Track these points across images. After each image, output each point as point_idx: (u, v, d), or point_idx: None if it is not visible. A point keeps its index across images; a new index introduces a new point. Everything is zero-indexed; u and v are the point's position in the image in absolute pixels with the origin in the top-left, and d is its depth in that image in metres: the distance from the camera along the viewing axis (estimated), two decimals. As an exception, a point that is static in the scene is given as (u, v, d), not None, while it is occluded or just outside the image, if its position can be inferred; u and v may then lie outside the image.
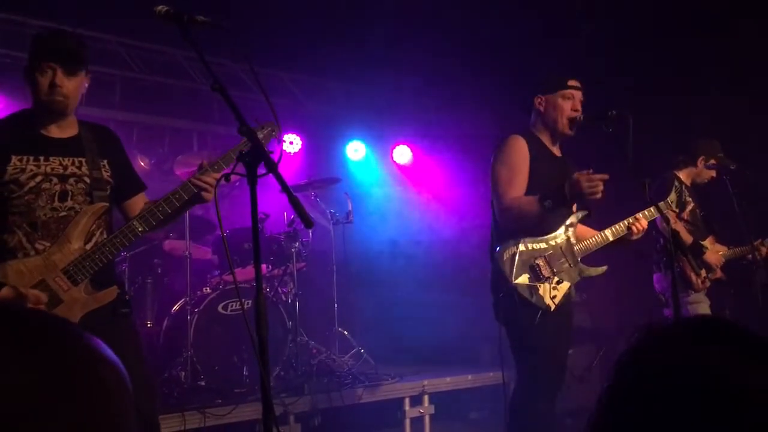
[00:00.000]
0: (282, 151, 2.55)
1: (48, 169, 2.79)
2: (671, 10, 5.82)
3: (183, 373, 4.83)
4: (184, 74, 6.91)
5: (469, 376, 5.83)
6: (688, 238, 4.76)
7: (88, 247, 2.80)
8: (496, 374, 4.14)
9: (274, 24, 6.17)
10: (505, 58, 6.39)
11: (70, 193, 2.81)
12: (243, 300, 2.56)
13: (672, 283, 3.31)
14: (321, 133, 7.76)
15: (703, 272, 4.80)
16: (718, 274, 4.93)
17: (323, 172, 6.91)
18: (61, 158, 2.83)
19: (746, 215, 4.83)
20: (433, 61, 6.79)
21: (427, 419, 5.48)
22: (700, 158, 5.01)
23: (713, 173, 5.03)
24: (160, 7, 2.24)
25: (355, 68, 7.08)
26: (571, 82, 3.67)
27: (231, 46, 2.20)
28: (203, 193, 2.86)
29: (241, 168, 2.15)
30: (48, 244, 2.75)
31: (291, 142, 7.50)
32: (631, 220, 3.66)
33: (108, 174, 2.93)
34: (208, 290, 5.29)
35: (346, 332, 5.97)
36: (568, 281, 3.51)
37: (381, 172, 8.06)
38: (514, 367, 3.58)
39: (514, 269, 3.41)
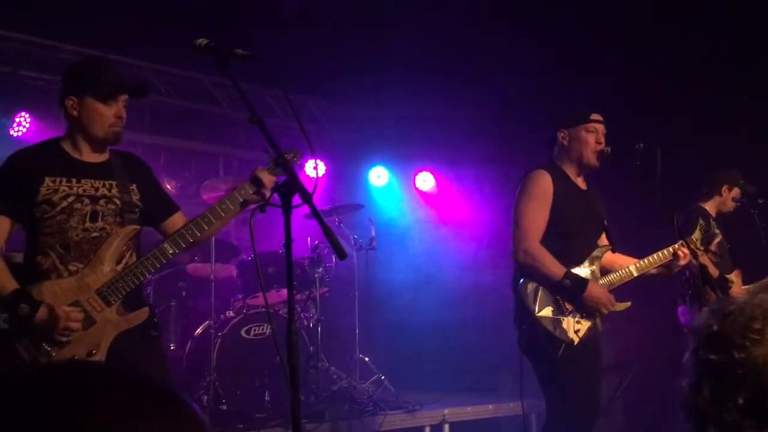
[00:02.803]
0: (317, 182, 2.58)
1: (80, 191, 2.85)
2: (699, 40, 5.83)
3: (205, 397, 4.84)
4: (211, 99, 7.00)
5: (490, 406, 5.79)
6: (714, 272, 4.73)
7: (119, 268, 2.85)
8: (517, 404, 4.11)
9: (299, 50, 6.25)
10: (529, 86, 6.41)
11: (100, 213, 2.86)
12: (270, 325, 2.57)
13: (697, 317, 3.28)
14: (344, 159, 7.81)
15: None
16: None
17: (346, 197, 6.95)
18: (92, 180, 2.89)
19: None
20: (457, 87, 6.83)
21: (447, 448, 5.45)
22: (724, 187, 5.01)
23: (737, 203, 5.02)
24: (200, 41, 2.29)
25: (378, 94, 7.14)
26: (594, 116, 3.68)
27: (259, 73, 2.24)
28: (262, 190, 2.88)
29: (276, 198, 2.18)
30: (81, 266, 2.80)
31: (315, 168, 7.55)
32: (676, 247, 3.66)
33: (137, 198, 2.98)
34: (232, 314, 5.32)
35: (367, 359, 5.96)
36: (590, 317, 3.49)
37: (403, 198, 8.08)
38: (533, 399, 3.57)
39: (537, 302, 3.41)
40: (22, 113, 6.07)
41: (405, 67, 6.47)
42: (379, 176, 7.95)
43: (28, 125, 6.06)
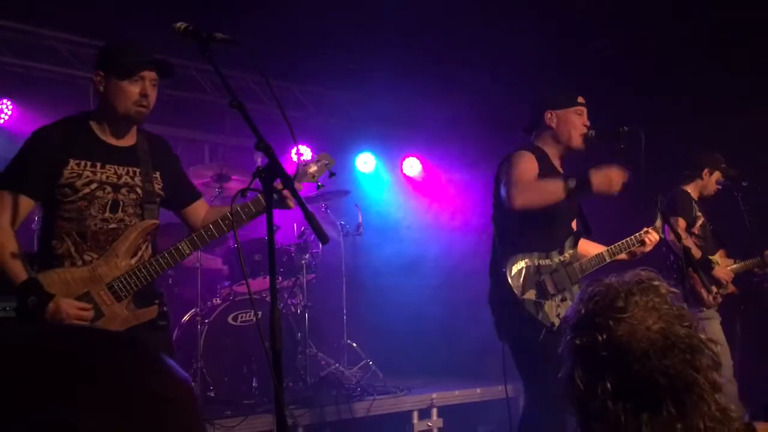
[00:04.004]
0: (298, 167, 2.57)
1: (103, 177, 2.82)
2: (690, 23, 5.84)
3: (193, 384, 4.83)
4: (197, 86, 6.95)
5: (478, 390, 5.83)
6: (697, 254, 4.76)
7: (133, 261, 2.82)
8: (506, 388, 4.14)
9: (284, 35, 6.21)
10: (515, 71, 6.41)
11: (121, 203, 2.83)
12: (255, 311, 2.57)
13: (683, 299, 3.32)
14: (331, 145, 7.77)
15: (714, 288, 4.80)
16: (731, 288, 4.93)
17: (333, 183, 6.92)
18: (116, 167, 2.86)
19: (755, 228, 4.84)
20: (444, 73, 6.81)
21: (435, 432, 5.48)
22: (705, 170, 5.04)
23: (719, 186, 5.06)
24: (179, 24, 2.27)
25: (364, 80, 7.11)
26: (580, 99, 3.70)
27: (245, 59, 2.21)
28: (286, 200, 2.85)
29: (257, 183, 2.17)
30: (95, 256, 2.78)
31: (302, 154, 7.52)
32: (642, 233, 3.71)
33: (159, 186, 2.96)
34: (218, 301, 5.31)
35: (354, 344, 5.97)
36: (571, 299, 3.51)
37: (390, 184, 8.08)
38: (520, 383, 3.58)
39: (522, 285, 3.41)
40: (4, 100, 6.02)
41: (391, 53, 6.44)
42: (366, 162, 7.94)
43: (10, 112, 6.00)
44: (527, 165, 3.50)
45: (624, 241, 3.75)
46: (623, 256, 3.76)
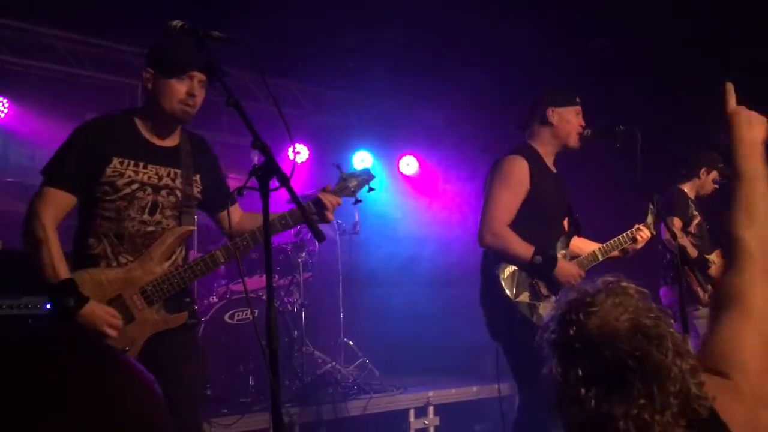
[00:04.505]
0: (294, 166, 2.57)
1: (144, 177, 2.79)
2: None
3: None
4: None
5: (474, 388, 5.83)
6: (693, 253, 4.78)
7: (167, 266, 2.82)
8: (502, 386, 4.15)
9: (282, 34, 6.20)
10: (513, 70, 6.41)
11: (160, 205, 2.82)
12: (251, 309, 2.57)
13: (679, 298, 3.32)
14: (328, 143, 7.79)
15: (710, 287, 4.81)
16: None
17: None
18: (158, 167, 2.83)
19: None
20: (441, 73, 6.81)
21: (432, 431, 5.48)
22: (703, 170, 5.06)
23: (716, 185, 5.07)
24: (175, 23, 2.26)
25: (362, 79, 7.11)
26: (578, 99, 3.72)
27: (241, 56, 2.21)
28: (326, 212, 2.90)
29: (253, 182, 2.17)
30: (131, 259, 2.76)
31: (298, 152, 7.53)
32: (634, 231, 3.73)
33: (198, 190, 2.94)
34: (215, 299, 5.31)
35: (351, 342, 5.97)
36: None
37: (387, 182, 8.08)
38: (513, 381, 3.58)
39: (515, 287, 3.41)
40: (1, 98, 6.01)
41: (389, 52, 6.44)
42: (362, 160, 7.94)
43: (6, 110, 5.99)
44: (512, 195, 3.50)
45: (616, 238, 3.76)
46: (616, 253, 3.77)
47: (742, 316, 1.51)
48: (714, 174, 5.06)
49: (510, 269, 3.43)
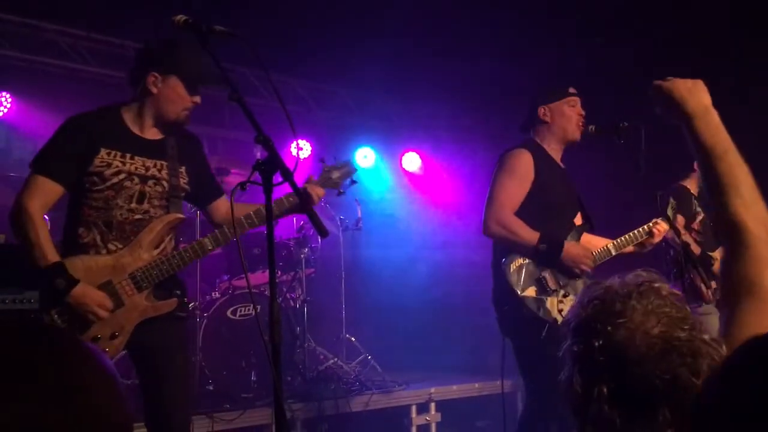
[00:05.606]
0: (298, 161, 2.57)
1: (132, 168, 2.84)
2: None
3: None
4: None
5: (476, 385, 5.83)
6: (696, 250, 4.76)
7: (156, 253, 2.85)
8: (504, 383, 4.14)
9: (285, 30, 6.19)
10: (516, 70, 6.39)
11: (147, 195, 2.86)
12: (254, 305, 2.58)
13: (682, 295, 3.31)
14: (330, 140, 7.77)
15: (713, 284, 4.80)
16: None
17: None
18: (144, 159, 2.88)
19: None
20: (445, 69, 6.80)
21: (433, 427, 5.48)
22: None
23: None
24: (179, 17, 2.26)
25: (364, 75, 7.09)
26: (571, 89, 3.69)
27: (245, 53, 2.20)
28: (309, 201, 2.92)
29: (257, 176, 2.16)
30: (120, 246, 2.81)
31: (301, 148, 7.52)
32: (651, 225, 3.69)
33: (185, 181, 2.98)
34: (217, 295, 5.31)
35: (353, 339, 5.98)
36: (574, 294, 3.49)
37: (390, 179, 8.07)
38: (517, 379, 3.57)
39: (521, 282, 3.40)
40: (4, 93, 6.01)
41: (392, 48, 6.43)
42: (365, 157, 7.93)
43: (9, 105, 5.99)
44: (517, 186, 3.49)
45: (632, 233, 3.71)
46: (630, 249, 3.74)
47: (759, 304, 1.37)
48: None
49: (517, 263, 3.41)
